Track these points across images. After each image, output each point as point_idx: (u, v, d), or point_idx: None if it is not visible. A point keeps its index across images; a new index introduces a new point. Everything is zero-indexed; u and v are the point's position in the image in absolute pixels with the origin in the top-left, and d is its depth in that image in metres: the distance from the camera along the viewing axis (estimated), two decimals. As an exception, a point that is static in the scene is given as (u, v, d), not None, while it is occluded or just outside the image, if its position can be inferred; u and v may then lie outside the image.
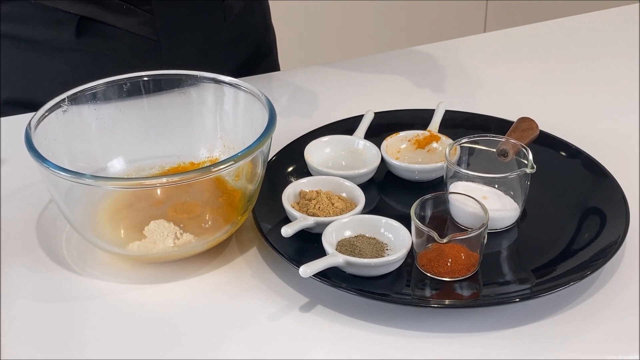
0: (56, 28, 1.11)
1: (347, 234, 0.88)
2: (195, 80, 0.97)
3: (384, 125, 1.05)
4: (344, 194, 0.93)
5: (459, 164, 0.95)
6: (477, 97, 1.21)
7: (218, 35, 1.18)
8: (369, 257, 0.84)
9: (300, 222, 0.87)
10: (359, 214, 0.90)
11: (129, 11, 1.11)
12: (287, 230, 0.85)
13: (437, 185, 0.96)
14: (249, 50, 1.25)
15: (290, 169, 1.00)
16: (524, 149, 0.93)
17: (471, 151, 0.95)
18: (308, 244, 0.88)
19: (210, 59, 1.18)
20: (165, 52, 1.14)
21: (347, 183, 0.94)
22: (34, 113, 0.89)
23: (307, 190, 0.93)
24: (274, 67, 1.34)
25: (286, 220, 0.90)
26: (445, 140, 1.01)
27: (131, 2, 1.11)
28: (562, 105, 1.19)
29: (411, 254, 0.85)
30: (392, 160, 0.99)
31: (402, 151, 1.02)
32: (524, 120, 1.01)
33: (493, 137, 0.95)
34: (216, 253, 0.89)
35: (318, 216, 0.89)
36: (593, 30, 1.42)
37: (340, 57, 1.43)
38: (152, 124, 0.98)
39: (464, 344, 0.79)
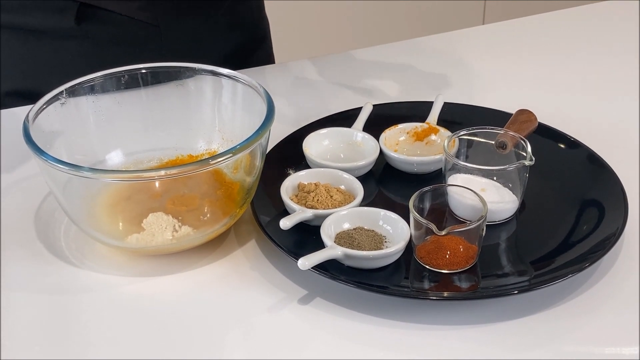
0: (56, 16, 1.11)
1: (346, 226, 0.88)
2: (194, 73, 0.96)
3: (383, 118, 1.05)
4: (342, 187, 0.93)
5: (457, 156, 0.94)
6: (475, 89, 1.21)
7: (215, 19, 1.19)
8: (368, 250, 0.84)
9: (298, 214, 0.87)
10: (357, 206, 0.90)
11: None
12: (285, 223, 0.85)
13: (435, 178, 0.96)
14: (245, 36, 1.26)
15: (288, 161, 1.00)
16: (522, 141, 0.92)
17: (470, 143, 0.95)
18: (306, 237, 0.88)
19: (209, 43, 1.18)
20: (165, 36, 1.14)
21: (346, 175, 0.94)
22: (32, 105, 0.88)
23: (306, 183, 0.92)
24: (269, 55, 1.34)
25: (285, 212, 0.90)
26: (444, 132, 1.01)
27: None
28: (561, 97, 1.19)
29: (410, 246, 0.85)
30: (390, 152, 0.99)
31: (400, 143, 1.02)
32: (522, 112, 1.01)
33: (492, 129, 0.95)
34: (215, 246, 0.89)
35: (316, 209, 0.89)
36: (592, 22, 1.42)
37: (338, 49, 1.42)
38: (150, 116, 0.98)
39: (463, 336, 0.79)
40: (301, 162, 0.99)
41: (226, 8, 1.20)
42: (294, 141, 1.01)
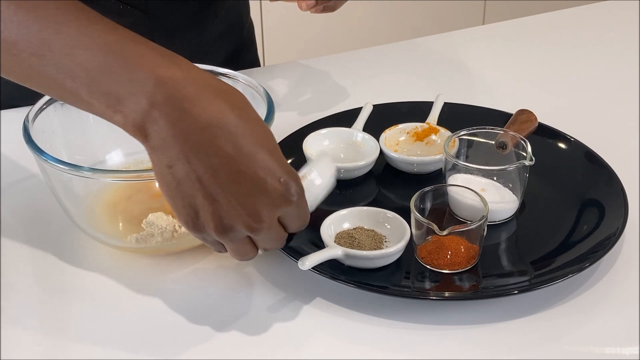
0: None
1: (346, 226, 0.88)
2: (194, 73, 0.96)
3: (383, 118, 1.05)
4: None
5: (457, 156, 0.94)
6: (475, 89, 1.21)
7: (208, 31, 1.18)
8: (368, 249, 0.84)
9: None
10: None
11: (125, 11, 1.11)
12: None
13: (435, 178, 0.96)
14: (235, 44, 1.25)
15: (288, 161, 0.99)
16: (522, 141, 0.92)
17: (470, 143, 0.95)
18: (307, 237, 0.88)
19: (201, 53, 1.17)
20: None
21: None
22: (31, 106, 0.88)
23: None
24: (255, 58, 1.34)
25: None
26: (444, 132, 1.01)
27: (127, 2, 1.10)
28: (561, 97, 1.19)
29: (410, 246, 0.85)
30: (390, 152, 0.99)
31: (400, 143, 1.02)
32: (522, 112, 1.01)
33: (492, 129, 0.95)
34: (215, 246, 0.89)
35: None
36: (592, 22, 1.42)
37: (339, 49, 1.42)
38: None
39: (463, 336, 0.79)
40: (301, 162, 0.99)
41: (219, 20, 1.20)
42: (294, 141, 1.01)
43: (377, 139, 1.00)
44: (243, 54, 1.29)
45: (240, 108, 0.69)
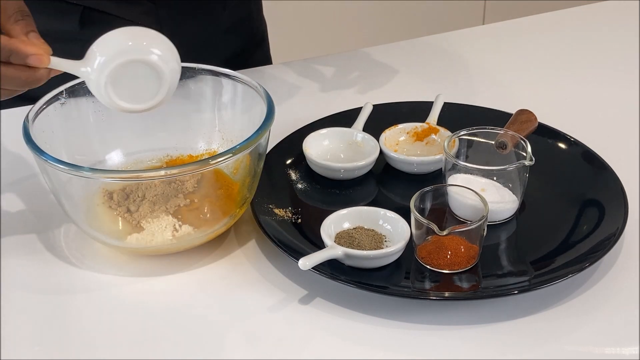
0: (60, 19, 1.11)
1: (346, 226, 0.88)
2: (194, 73, 0.96)
3: (383, 118, 1.05)
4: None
5: (457, 156, 0.94)
6: (475, 89, 1.21)
7: (216, 24, 1.19)
8: (368, 249, 0.84)
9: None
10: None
11: (132, 1, 1.11)
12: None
13: (435, 178, 0.96)
14: (244, 39, 1.26)
15: (288, 161, 1.00)
16: (522, 141, 0.92)
17: (470, 143, 0.95)
18: (307, 237, 0.88)
19: (209, 47, 1.18)
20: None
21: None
22: (32, 105, 0.88)
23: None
24: (266, 57, 1.35)
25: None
26: (444, 132, 1.01)
27: None
28: (561, 97, 1.19)
29: (410, 246, 0.85)
30: (390, 152, 0.99)
31: (400, 143, 1.02)
32: (522, 112, 1.01)
33: (492, 129, 0.95)
34: (215, 246, 0.89)
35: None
36: (592, 22, 1.42)
37: (339, 49, 1.42)
38: (151, 116, 0.98)
39: (463, 336, 0.79)
40: (301, 162, 0.99)
41: (228, 12, 1.20)
42: (294, 141, 1.01)
43: (377, 139, 1.00)
44: (253, 52, 1.29)
45: None
